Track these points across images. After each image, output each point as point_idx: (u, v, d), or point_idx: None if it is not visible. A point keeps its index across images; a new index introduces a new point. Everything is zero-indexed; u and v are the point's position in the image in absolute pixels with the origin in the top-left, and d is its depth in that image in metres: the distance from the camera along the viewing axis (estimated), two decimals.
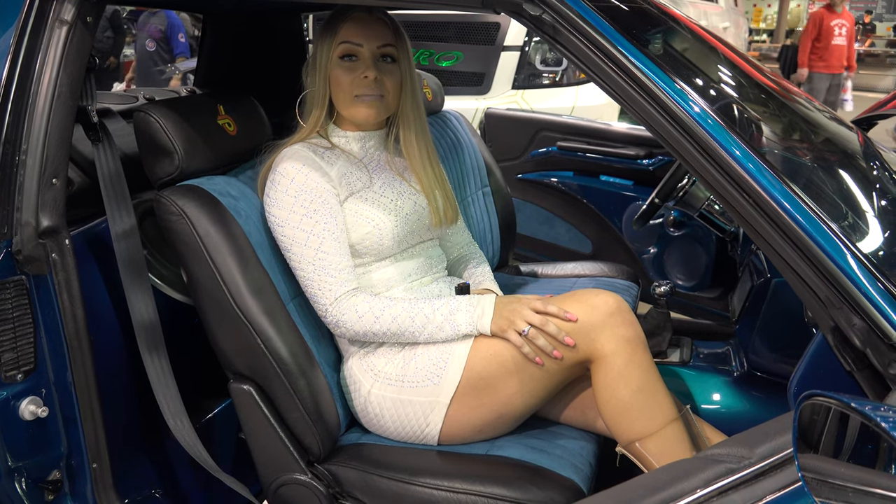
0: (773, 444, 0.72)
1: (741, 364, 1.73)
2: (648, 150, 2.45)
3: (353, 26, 1.33)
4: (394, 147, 1.46)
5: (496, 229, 2.06)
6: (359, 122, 1.39)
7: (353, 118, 1.39)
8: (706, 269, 2.36)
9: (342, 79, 1.34)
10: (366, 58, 1.34)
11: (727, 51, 1.43)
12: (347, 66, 1.34)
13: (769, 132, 1.20)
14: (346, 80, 1.34)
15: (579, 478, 1.23)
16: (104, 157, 1.29)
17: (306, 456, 1.28)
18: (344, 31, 1.33)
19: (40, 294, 1.16)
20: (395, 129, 1.44)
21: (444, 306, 1.29)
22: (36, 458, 1.18)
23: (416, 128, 1.42)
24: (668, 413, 1.24)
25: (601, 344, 1.23)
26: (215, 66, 1.94)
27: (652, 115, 0.95)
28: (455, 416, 1.29)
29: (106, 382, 1.25)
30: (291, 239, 1.29)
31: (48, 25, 1.15)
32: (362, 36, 1.33)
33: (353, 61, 1.34)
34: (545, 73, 3.90)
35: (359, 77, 1.33)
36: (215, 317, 1.26)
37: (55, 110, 1.15)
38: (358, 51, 1.34)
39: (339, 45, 1.33)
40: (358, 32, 1.33)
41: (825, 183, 1.13)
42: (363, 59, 1.34)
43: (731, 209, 0.93)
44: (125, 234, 1.28)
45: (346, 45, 1.33)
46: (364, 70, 1.33)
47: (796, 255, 0.87)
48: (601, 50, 0.95)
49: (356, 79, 1.33)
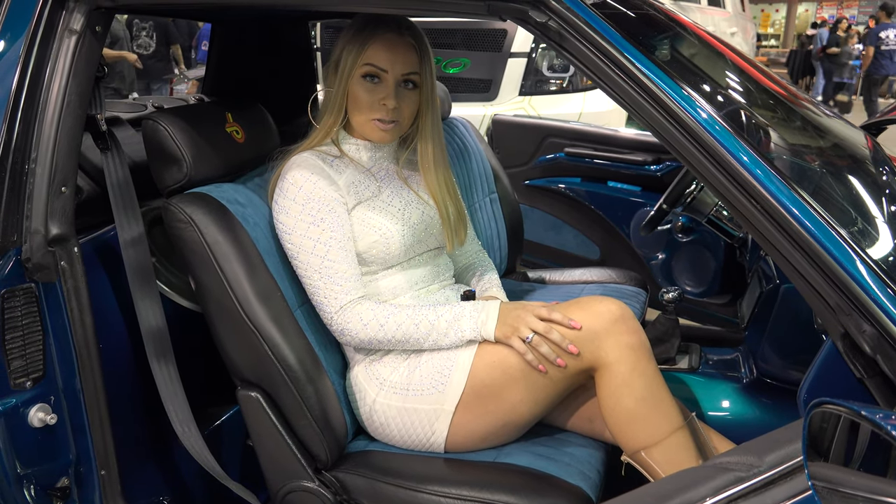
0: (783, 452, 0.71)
1: (750, 371, 1.72)
2: (656, 156, 2.45)
3: (380, 48, 1.31)
4: (406, 158, 1.46)
5: (503, 236, 2.06)
6: (371, 140, 1.40)
7: (366, 136, 1.39)
8: (714, 276, 2.35)
9: (362, 97, 1.33)
10: (388, 84, 1.33)
11: (734, 56, 1.42)
12: (369, 86, 1.33)
13: (777, 138, 1.19)
14: (365, 99, 1.33)
15: (587, 485, 1.22)
16: (113, 165, 1.30)
17: (314, 463, 1.28)
18: (371, 52, 1.31)
19: (49, 302, 1.16)
20: (412, 143, 1.44)
21: (449, 312, 1.29)
22: (44, 465, 1.18)
23: (434, 144, 1.42)
24: (674, 421, 1.22)
25: (605, 352, 1.22)
26: (223, 75, 1.95)
27: (659, 122, 0.94)
28: (460, 423, 1.28)
29: (114, 389, 1.25)
30: (298, 247, 1.29)
31: (57, 35, 1.16)
32: (388, 61, 1.31)
33: (374, 83, 1.33)
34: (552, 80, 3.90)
35: (377, 101, 1.33)
36: (223, 324, 1.26)
37: (64, 119, 1.15)
38: (382, 75, 1.32)
39: (364, 65, 1.32)
40: (384, 57, 1.31)
41: (834, 188, 1.12)
42: (385, 83, 1.33)
43: (739, 215, 0.92)
44: (133, 241, 1.29)
45: (370, 67, 1.32)
46: (384, 97, 1.32)
47: (805, 262, 0.86)
48: (607, 56, 0.94)
49: (375, 101, 1.33)
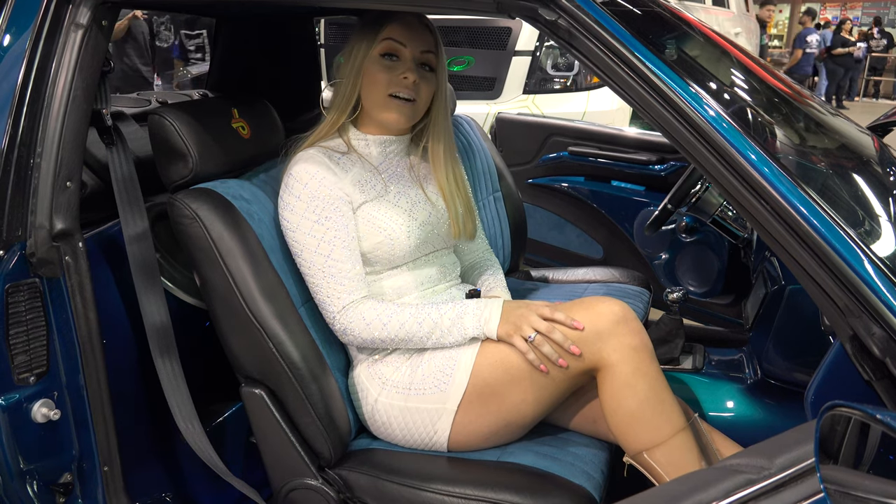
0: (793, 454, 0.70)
1: (754, 371, 1.71)
2: (660, 156, 2.44)
3: (399, 26, 1.33)
4: (417, 155, 1.45)
5: (507, 234, 2.05)
6: (386, 124, 1.38)
7: (381, 120, 1.37)
8: (718, 276, 2.34)
9: (379, 76, 1.33)
10: (407, 59, 1.34)
11: (741, 55, 1.42)
12: (388, 64, 1.33)
13: (784, 136, 1.19)
14: (383, 77, 1.33)
15: (591, 486, 1.21)
16: (118, 161, 1.29)
17: (317, 461, 1.27)
18: (389, 29, 1.33)
19: (53, 297, 1.16)
20: (424, 138, 1.44)
21: (452, 310, 1.28)
22: (47, 461, 1.18)
23: (445, 138, 1.42)
24: (676, 422, 1.22)
25: (607, 353, 1.21)
26: (227, 71, 1.95)
27: (667, 120, 0.94)
28: (462, 423, 1.28)
29: (117, 385, 1.25)
30: (302, 245, 1.29)
31: (63, 29, 1.15)
32: (407, 37, 1.33)
33: (393, 61, 1.33)
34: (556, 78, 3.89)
35: (398, 76, 1.33)
36: (227, 320, 1.26)
37: (70, 114, 1.15)
38: (401, 51, 1.33)
39: (383, 41, 1.32)
40: (403, 33, 1.33)
41: (841, 188, 1.11)
42: (404, 59, 1.33)
43: (747, 215, 0.91)
44: (138, 237, 1.28)
45: (389, 42, 1.32)
46: (404, 71, 1.33)
47: (814, 263, 0.85)
48: (617, 54, 0.94)
49: (395, 77, 1.33)
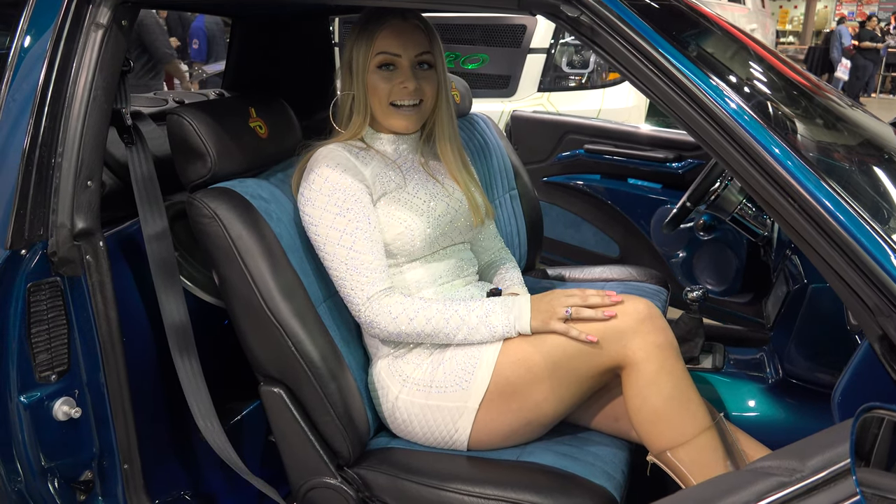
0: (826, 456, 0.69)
1: (776, 371, 1.69)
2: (677, 153, 2.42)
3: (389, 35, 1.32)
4: (427, 150, 1.46)
5: (523, 232, 2.05)
6: (395, 130, 1.39)
7: (389, 126, 1.38)
8: (737, 274, 2.32)
9: (379, 86, 1.34)
10: (404, 67, 1.33)
11: (762, 50, 1.40)
12: (385, 74, 1.33)
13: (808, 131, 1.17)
14: (383, 88, 1.34)
15: (612, 486, 1.21)
16: (137, 160, 1.30)
17: (336, 459, 1.27)
18: (381, 41, 1.32)
19: (74, 295, 1.17)
20: (430, 132, 1.44)
21: (479, 308, 1.28)
22: (68, 459, 1.19)
23: (450, 130, 1.43)
24: (702, 421, 1.21)
25: (632, 350, 1.20)
26: (243, 70, 1.95)
27: (691, 116, 0.92)
28: (484, 421, 1.27)
29: (137, 384, 1.26)
30: (325, 238, 1.29)
31: (84, 29, 1.16)
32: (399, 46, 1.32)
33: (390, 70, 1.34)
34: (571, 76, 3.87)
35: (397, 86, 1.33)
36: (246, 319, 1.26)
37: (90, 113, 1.16)
38: (396, 60, 1.33)
39: (377, 55, 1.32)
40: (395, 42, 1.32)
41: (866, 183, 1.09)
42: (401, 68, 1.33)
43: (771, 211, 0.90)
44: (157, 236, 1.29)
45: (383, 55, 1.32)
46: (403, 80, 1.33)
47: (843, 261, 0.84)
48: (640, 51, 0.93)
49: (395, 87, 1.33)
